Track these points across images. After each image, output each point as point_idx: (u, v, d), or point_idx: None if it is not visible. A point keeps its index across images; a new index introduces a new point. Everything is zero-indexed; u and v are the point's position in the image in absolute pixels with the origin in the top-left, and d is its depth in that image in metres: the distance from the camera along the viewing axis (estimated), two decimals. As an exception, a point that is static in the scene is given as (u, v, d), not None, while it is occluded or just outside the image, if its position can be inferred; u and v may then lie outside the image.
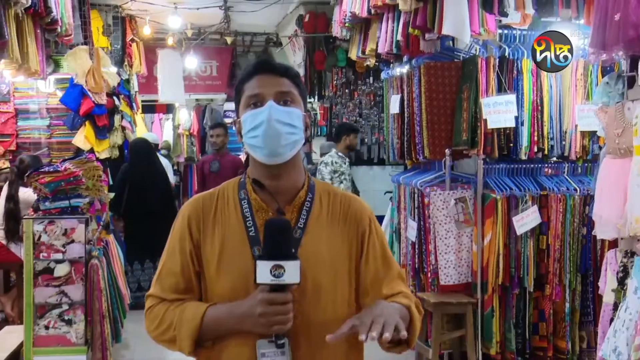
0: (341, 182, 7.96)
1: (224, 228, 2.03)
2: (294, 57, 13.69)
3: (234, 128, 2.10)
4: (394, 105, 6.59)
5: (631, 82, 3.88)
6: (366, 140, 10.78)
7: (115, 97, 8.66)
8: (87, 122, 7.97)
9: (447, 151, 5.81)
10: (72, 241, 5.17)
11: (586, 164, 5.94)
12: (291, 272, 1.82)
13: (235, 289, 1.96)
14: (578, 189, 5.67)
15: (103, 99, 8.04)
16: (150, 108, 15.20)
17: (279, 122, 1.95)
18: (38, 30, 6.62)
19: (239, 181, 2.11)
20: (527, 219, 5.52)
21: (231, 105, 21.30)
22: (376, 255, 2.06)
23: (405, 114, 6.33)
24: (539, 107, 5.78)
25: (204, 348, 2.00)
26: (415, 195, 6.08)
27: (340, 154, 8.16)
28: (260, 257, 1.85)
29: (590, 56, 4.00)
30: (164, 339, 2.04)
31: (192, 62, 14.71)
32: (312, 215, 2.04)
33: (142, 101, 13.25)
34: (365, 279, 2.05)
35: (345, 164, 8.12)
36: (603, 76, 5.47)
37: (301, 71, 12.62)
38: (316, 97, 12.21)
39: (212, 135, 8.78)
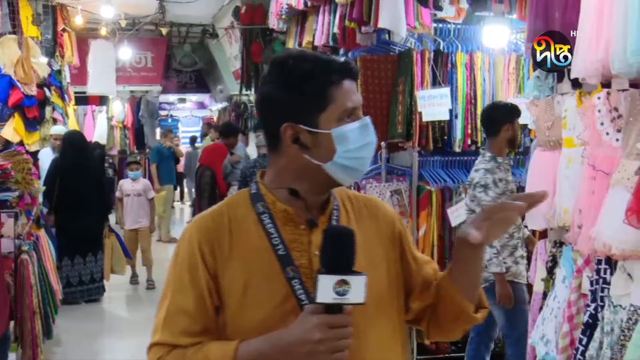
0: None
1: (244, 250, 1.73)
2: (231, 49, 13.62)
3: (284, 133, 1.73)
4: (330, 98, 6.59)
5: (561, 77, 3.96)
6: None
7: (46, 89, 8.47)
8: (16, 114, 7.79)
9: (382, 144, 5.85)
10: (1, 236, 5.04)
11: (518, 157, 6.05)
12: (357, 289, 1.55)
13: (268, 320, 1.67)
14: (510, 181, 5.77)
15: (33, 90, 7.86)
16: (83, 100, 14.90)
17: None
18: (-37, 19, 6.42)
19: (250, 193, 1.81)
20: (461, 211, 5.59)
21: (167, 97, 21.09)
22: (415, 254, 1.92)
23: (342, 107, 6.34)
24: (473, 101, 5.86)
25: None
26: (352, 188, 6.09)
27: (491, 155, 4.86)
28: (322, 271, 1.56)
29: (527, 50, 4.06)
30: None
31: (126, 53, 14.49)
32: (341, 223, 1.80)
33: (75, 92, 12.99)
34: (415, 277, 1.89)
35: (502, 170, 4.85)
36: (534, 70, 5.59)
37: (237, 63, 12.57)
38: (253, 89, 12.16)
39: None
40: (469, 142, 5.89)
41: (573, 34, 3.48)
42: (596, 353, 3.12)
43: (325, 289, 1.54)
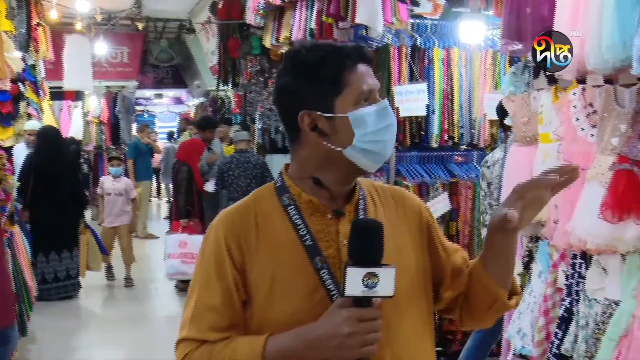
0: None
1: (271, 244, 1.72)
2: (208, 44, 13.56)
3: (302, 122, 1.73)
4: (307, 94, 6.57)
5: (537, 72, 3.97)
6: (280, 128, 10.74)
7: (20, 83, 8.37)
8: (-11, 109, 7.68)
9: (360, 139, 5.84)
10: (-26, 232, 4.98)
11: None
12: (385, 281, 1.53)
13: (297, 313, 1.65)
14: (486, 176, 5.80)
15: (7, 85, 7.75)
16: (58, 95, 14.77)
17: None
18: None
19: (275, 186, 1.80)
20: (437, 206, 5.62)
21: (143, 93, 20.94)
22: (444, 242, 1.90)
23: (319, 102, 6.33)
24: (450, 96, 5.88)
25: None
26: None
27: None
28: (351, 264, 1.55)
29: (502, 47, 4.08)
30: None
31: (102, 48, 14.36)
32: (369, 214, 1.77)
33: (50, 88, 12.85)
34: (445, 266, 1.86)
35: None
36: (510, 66, 5.62)
37: (215, 59, 12.50)
38: (230, 84, 12.11)
39: None
40: (446, 137, 5.91)
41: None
42: (571, 346, 3.15)
43: (354, 282, 1.52)
